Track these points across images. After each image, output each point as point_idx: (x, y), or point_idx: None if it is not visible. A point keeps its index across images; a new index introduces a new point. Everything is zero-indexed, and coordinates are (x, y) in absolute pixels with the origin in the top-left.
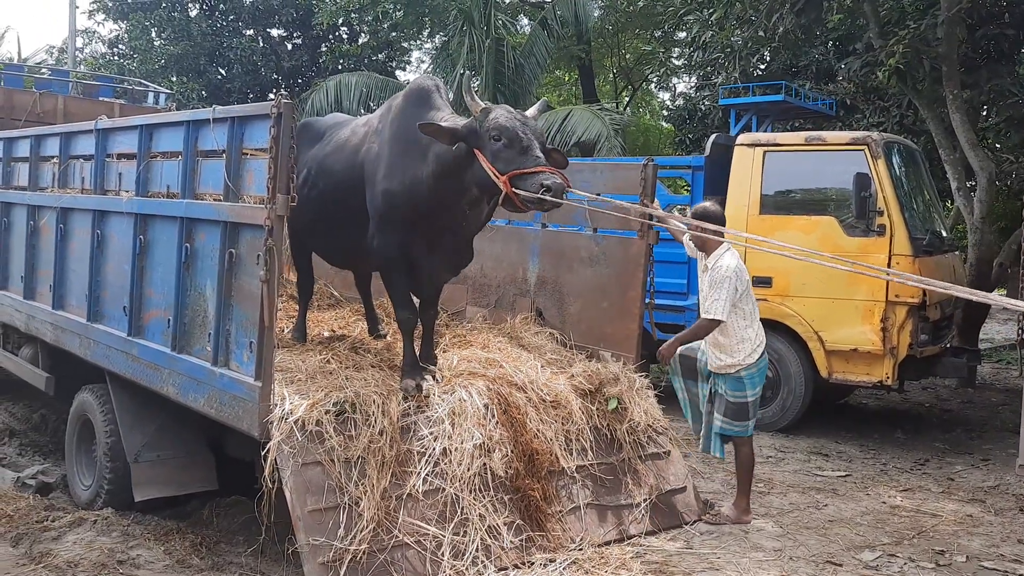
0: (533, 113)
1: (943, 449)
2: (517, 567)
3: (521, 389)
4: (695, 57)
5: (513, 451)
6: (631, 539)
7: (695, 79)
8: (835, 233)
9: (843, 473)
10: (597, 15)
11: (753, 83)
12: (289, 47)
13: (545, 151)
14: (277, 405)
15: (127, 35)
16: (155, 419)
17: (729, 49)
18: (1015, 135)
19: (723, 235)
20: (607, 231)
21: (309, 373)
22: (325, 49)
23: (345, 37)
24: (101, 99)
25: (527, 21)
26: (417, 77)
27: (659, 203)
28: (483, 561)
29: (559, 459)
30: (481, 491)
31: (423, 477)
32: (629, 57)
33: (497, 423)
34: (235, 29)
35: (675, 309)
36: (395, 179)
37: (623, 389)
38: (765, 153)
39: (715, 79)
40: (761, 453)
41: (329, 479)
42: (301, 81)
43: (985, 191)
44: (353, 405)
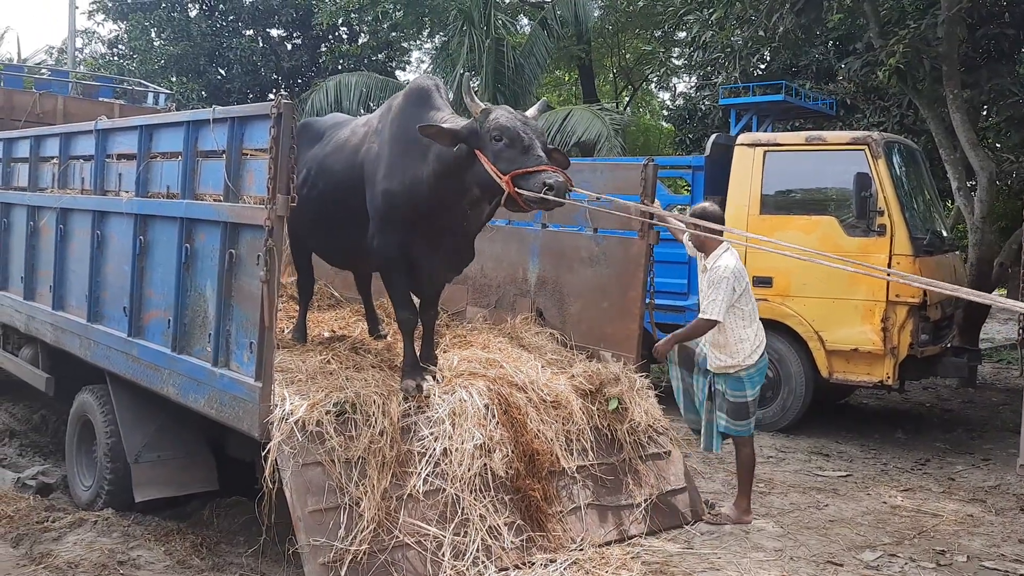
0: (533, 113)
1: (944, 449)
2: (518, 567)
3: (522, 389)
4: (695, 57)
5: (514, 451)
6: (632, 539)
7: (695, 79)
8: (835, 233)
9: (844, 473)
10: (597, 15)
11: (753, 83)
12: (289, 47)
13: (547, 151)
14: (277, 406)
15: (127, 35)
16: (155, 420)
17: (729, 49)
18: (1015, 135)
19: (722, 234)
20: (607, 231)
21: (309, 373)
22: (325, 49)
23: (345, 37)
24: (101, 99)
25: (527, 21)
26: (417, 77)
27: (659, 203)
28: (484, 561)
29: (560, 459)
30: (482, 491)
31: (424, 477)
32: (629, 57)
33: (498, 423)
34: (235, 29)
35: (675, 309)
36: (395, 179)
37: (624, 389)
38: (765, 153)
39: (715, 79)
40: (762, 453)
41: (330, 479)
42: (301, 81)
43: (985, 191)
44: (353, 405)
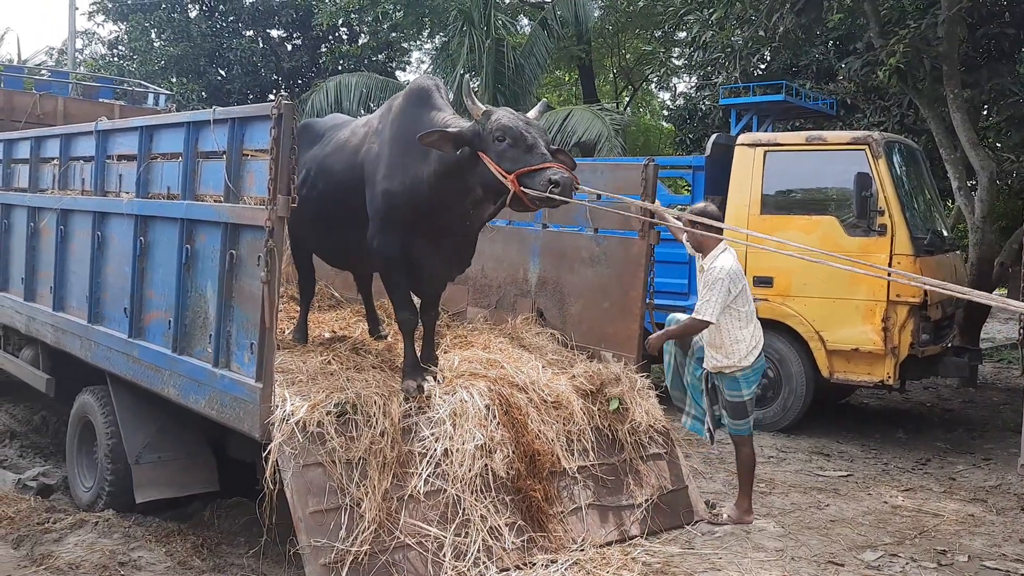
0: (535, 115)
1: (944, 449)
2: (519, 568)
3: (522, 390)
4: (695, 57)
5: (514, 452)
6: (633, 540)
7: (695, 79)
8: (836, 233)
9: (845, 473)
10: (597, 15)
11: (753, 83)
12: (289, 48)
13: (552, 152)
14: (278, 406)
15: (127, 36)
16: (156, 420)
17: (729, 49)
18: (1016, 134)
19: (721, 232)
20: (608, 231)
21: (310, 374)
22: (325, 50)
23: (345, 38)
24: (101, 100)
25: (527, 21)
26: (417, 77)
27: (660, 203)
28: (485, 562)
29: (560, 460)
30: (482, 492)
31: (424, 478)
32: (629, 57)
33: (498, 424)
34: (235, 30)
35: (676, 309)
36: (395, 179)
37: (624, 389)
38: (766, 153)
39: (715, 79)
40: (763, 453)
41: (330, 480)
42: (301, 82)
43: (986, 190)
44: (354, 406)
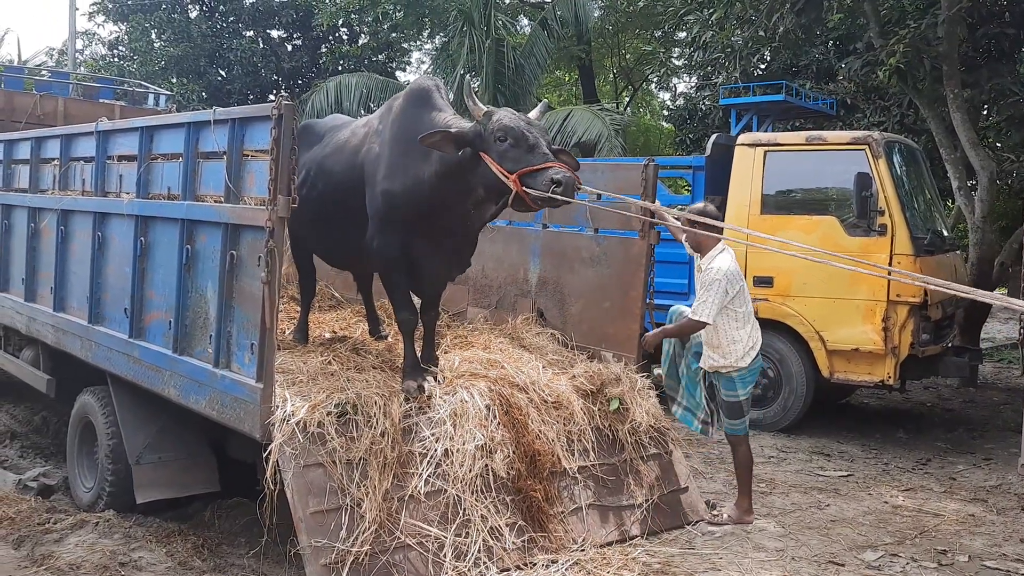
0: (536, 115)
1: (945, 449)
2: (519, 568)
3: (523, 390)
4: (695, 57)
5: (515, 452)
6: (633, 540)
7: (695, 79)
8: (836, 233)
9: (845, 473)
10: (597, 15)
11: (753, 83)
12: (289, 48)
13: (554, 152)
14: (278, 407)
15: (127, 37)
16: (156, 421)
17: (729, 49)
18: (1016, 134)
19: (722, 232)
20: (608, 231)
21: (310, 375)
22: (325, 50)
23: (345, 38)
24: (101, 101)
25: (527, 21)
26: (417, 78)
27: (660, 203)
28: (485, 562)
29: (561, 460)
30: (483, 492)
31: (425, 478)
32: (629, 57)
33: (499, 424)
34: (235, 30)
35: None
36: (396, 180)
37: (625, 390)
38: (766, 153)
39: (715, 79)
40: (763, 453)
41: (331, 481)
42: (301, 82)
43: (986, 190)
44: (355, 406)
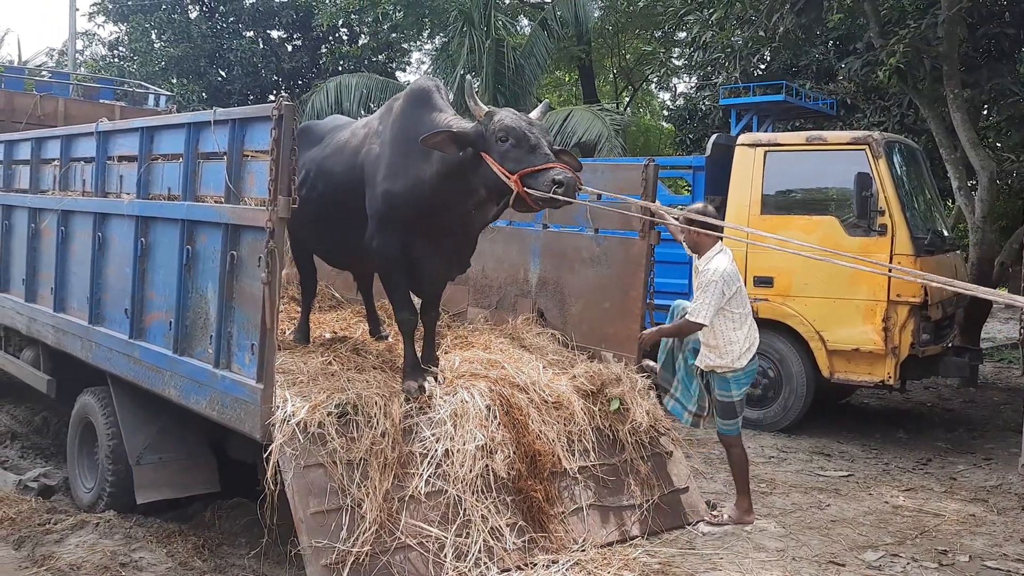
0: (537, 115)
1: (945, 449)
2: (520, 568)
3: (523, 390)
4: (695, 57)
5: (515, 452)
6: (633, 540)
7: (695, 79)
8: (836, 233)
9: (845, 473)
10: (597, 15)
11: (753, 83)
12: (289, 49)
13: (555, 152)
14: (279, 407)
15: (127, 37)
16: (157, 421)
17: (729, 49)
18: (1016, 134)
19: (722, 232)
20: (608, 231)
21: (311, 375)
22: (325, 50)
23: (345, 38)
24: (102, 101)
25: (527, 22)
26: (417, 78)
27: (660, 204)
28: (486, 563)
29: (561, 460)
30: (483, 492)
31: (425, 479)
32: (629, 57)
33: (499, 424)
34: (235, 31)
35: None
36: (396, 180)
37: (625, 390)
38: (766, 153)
39: (715, 79)
40: (763, 453)
41: (331, 481)
42: (301, 82)
43: (986, 190)
44: (355, 407)
